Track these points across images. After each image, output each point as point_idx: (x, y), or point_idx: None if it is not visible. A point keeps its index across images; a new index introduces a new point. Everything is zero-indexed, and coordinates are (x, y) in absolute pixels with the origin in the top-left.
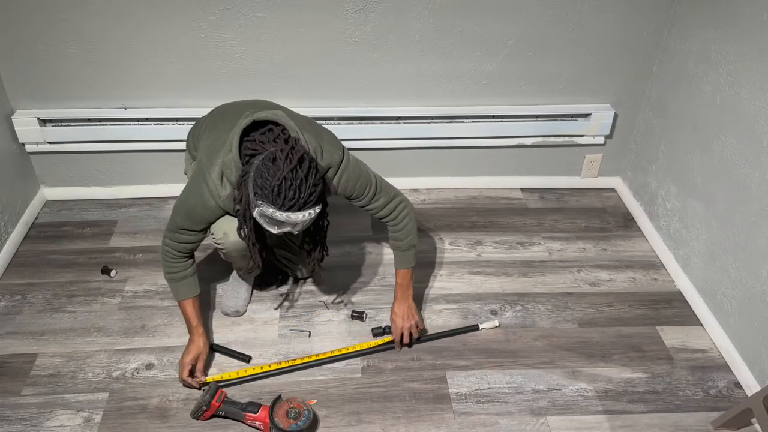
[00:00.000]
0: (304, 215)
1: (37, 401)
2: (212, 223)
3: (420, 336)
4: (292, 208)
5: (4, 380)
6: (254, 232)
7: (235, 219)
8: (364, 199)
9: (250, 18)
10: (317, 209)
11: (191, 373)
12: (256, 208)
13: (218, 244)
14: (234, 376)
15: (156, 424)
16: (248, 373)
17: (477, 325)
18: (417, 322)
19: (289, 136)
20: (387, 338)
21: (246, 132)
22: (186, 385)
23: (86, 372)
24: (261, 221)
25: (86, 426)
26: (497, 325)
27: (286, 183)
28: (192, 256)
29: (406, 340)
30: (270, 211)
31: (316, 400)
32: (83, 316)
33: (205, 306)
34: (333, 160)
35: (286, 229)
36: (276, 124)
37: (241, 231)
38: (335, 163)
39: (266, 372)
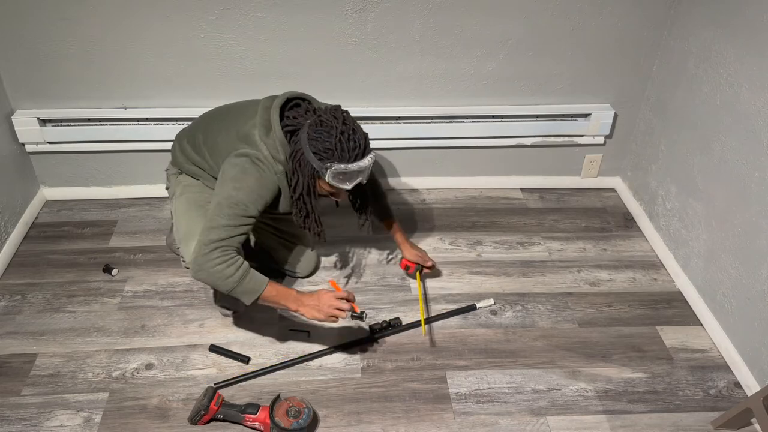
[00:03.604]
0: (369, 160)
1: (37, 401)
2: (267, 204)
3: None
4: (359, 157)
5: (4, 380)
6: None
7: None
8: None
9: (250, 18)
10: (374, 152)
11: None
12: (328, 171)
13: (188, 267)
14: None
15: (156, 424)
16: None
17: (474, 304)
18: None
19: (315, 106)
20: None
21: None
22: (339, 314)
23: (86, 372)
24: (335, 182)
25: (86, 426)
26: (492, 303)
27: (344, 136)
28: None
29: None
30: (342, 167)
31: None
32: (83, 316)
33: (205, 305)
34: None
35: (358, 179)
36: (300, 99)
37: (300, 204)
38: None
39: (270, 367)
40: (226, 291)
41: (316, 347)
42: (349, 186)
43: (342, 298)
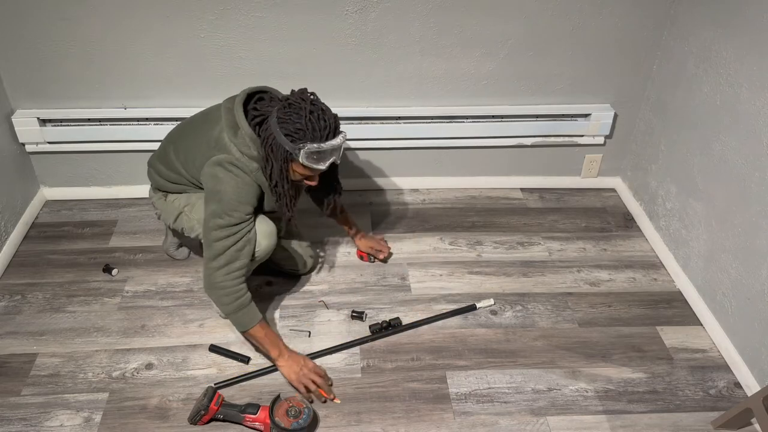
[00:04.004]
0: (341, 139)
1: (37, 401)
2: (255, 206)
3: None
4: (329, 135)
5: (4, 380)
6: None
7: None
8: None
9: (250, 18)
10: (345, 132)
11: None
12: (301, 151)
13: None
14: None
15: (156, 424)
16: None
17: (474, 304)
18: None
19: (279, 96)
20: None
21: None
22: (311, 386)
23: (86, 372)
24: (309, 162)
25: (86, 426)
26: (492, 303)
27: (313, 116)
28: None
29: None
30: (315, 146)
31: (339, 401)
32: (83, 316)
33: (205, 305)
34: None
35: (331, 159)
36: (261, 92)
37: (279, 190)
38: None
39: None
40: (221, 315)
41: (316, 347)
42: (323, 166)
43: (321, 376)
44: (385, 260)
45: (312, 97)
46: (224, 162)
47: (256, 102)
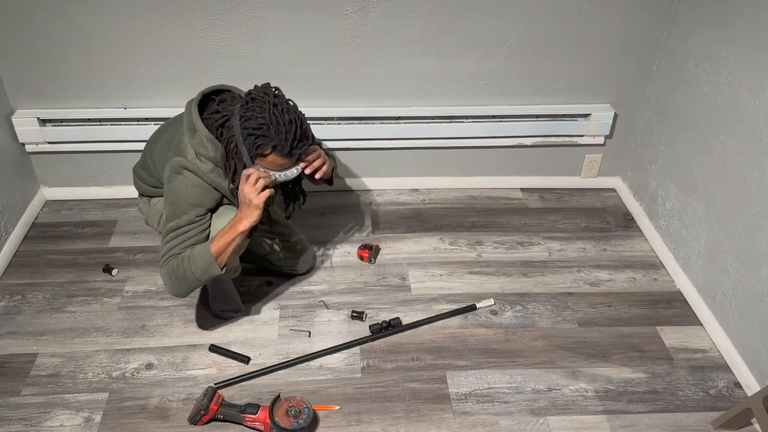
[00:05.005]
0: (297, 170)
1: (37, 401)
2: (210, 208)
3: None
4: (296, 134)
5: (4, 380)
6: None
7: (226, 214)
8: None
9: (250, 18)
10: (301, 167)
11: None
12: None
13: None
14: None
15: (156, 424)
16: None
17: (474, 304)
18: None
19: (240, 93)
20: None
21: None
22: (266, 192)
23: (86, 372)
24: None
25: (86, 426)
26: (492, 303)
27: (277, 109)
28: None
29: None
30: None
31: (338, 407)
32: (83, 316)
33: (205, 305)
34: None
35: (293, 171)
36: (222, 91)
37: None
38: None
39: (274, 366)
40: (196, 283)
41: (316, 347)
42: (284, 177)
43: (258, 178)
44: (314, 173)
45: (276, 91)
46: (176, 165)
47: (219, 103)
